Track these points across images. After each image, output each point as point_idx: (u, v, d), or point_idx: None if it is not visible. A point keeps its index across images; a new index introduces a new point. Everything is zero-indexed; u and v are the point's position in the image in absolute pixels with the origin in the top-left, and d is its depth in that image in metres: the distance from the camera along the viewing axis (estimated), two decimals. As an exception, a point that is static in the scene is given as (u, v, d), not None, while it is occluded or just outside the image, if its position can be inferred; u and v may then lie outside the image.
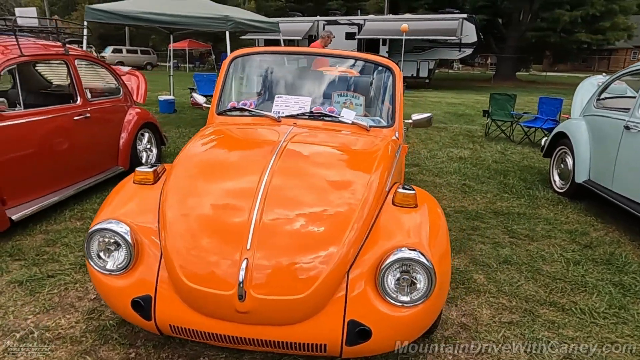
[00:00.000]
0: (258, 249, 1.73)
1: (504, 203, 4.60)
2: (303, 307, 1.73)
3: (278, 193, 1.89)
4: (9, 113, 3.28)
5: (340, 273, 1.77)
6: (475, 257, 3.28)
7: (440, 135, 8.23)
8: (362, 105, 2.84)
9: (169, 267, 1.80)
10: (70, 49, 4.00)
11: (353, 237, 1.82)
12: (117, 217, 1.93)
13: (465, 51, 19.43)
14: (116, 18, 6.97)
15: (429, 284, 1.76)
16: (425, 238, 1.90)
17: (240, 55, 3.07)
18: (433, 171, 5.76)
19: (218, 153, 2.27)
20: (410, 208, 2.01)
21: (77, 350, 2.06)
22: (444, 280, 1.89)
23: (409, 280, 1.79)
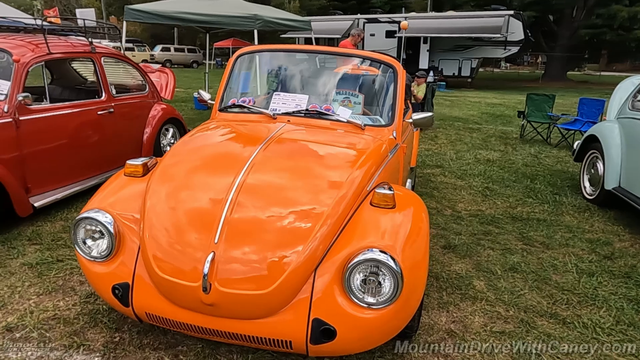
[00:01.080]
0: (225, 242, 1.76)
1: (525, 208, 4.40)
2: (267, 303, 1.74)
3: (252, 188, 1.91)
4: (35, 107, 3.52)
5: (307, 270, 1.77)
6: (480, 263, 3.17)
7: (472, 137, 7.97)
8: (361, 103, 2.81)
9: (144, 256, 1.87)
10: (97, 47, 4.22)
11: (322, 234, 1.81)
12: (104, 207, 2.03)
13: (510, 49, 18.67)
14: (153, 18, 7.26)
15: (396, 287, 1.72)
16: (399, 241, 1.85)
17: (246, 52, 3.12)
18: (456, 173, 5.60)
19: (203, 148, 2.32)
20: (388, 209, 1.97)
21: (67, 331, 2.19)
22: (416, 285, 1.85)
23: (375, 282, 1.76)
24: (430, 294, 2.71)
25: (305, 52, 3.06)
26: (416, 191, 4.75)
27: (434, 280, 2.89)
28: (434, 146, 7.15)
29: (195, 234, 1.81)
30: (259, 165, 2.02)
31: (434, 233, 3.69)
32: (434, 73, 19.22)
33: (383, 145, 2.49)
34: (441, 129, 8.66)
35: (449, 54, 19.61)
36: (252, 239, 1.79)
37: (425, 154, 6.60)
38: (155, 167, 2.19)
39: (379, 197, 1.97)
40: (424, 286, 1.92)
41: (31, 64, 3.50)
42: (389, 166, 2.49)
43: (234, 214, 1.82)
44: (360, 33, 7.82)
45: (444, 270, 3.04)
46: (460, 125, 9.15)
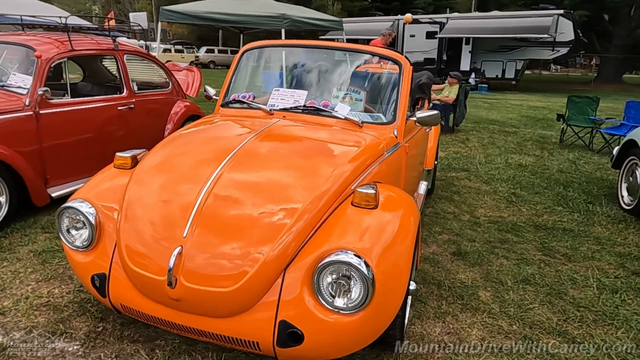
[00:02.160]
0: (194, 237, 1.73)
1: (552, 217, 4.11)
2: (232, 301, 1.69)
3: (228, 184, 1.87)
4: (55, 101, 3.66)
5: (275, 269, 1.70)
6: (489, 272, 2.97)
7: (506, 140, 7.60)
8: (363, 100, 2.71)
9: (118, 248, 1.87)
10: (120, 44, 4.35)
11: (294, 232, 1.73)
12: (88, 198, 2.05)
13: (559, 50, 17.74)
14: (185, 18, 7.45)
15: (365, 294, 1.61)
16: (377, 244, 1.74)
17: (252, 48, 3.10)
18: (482, 177, 5.33)
19: (188, 142, 2.29)
20: (369, 209, 1.86)
21: (54, 318, 2.23)
22: (391, 293, 1.73)
23: (346, 286, 1.66)
24: (428, 302, 2.56)
25: (311, 47, 2.98)
26: (435, 194, 4.56)
27: (435, 287, 2.73)
28: (464, 149, 6.87)
29: (166, 228, 1.79)
30: (238, 160, 1.97)
31: (446, 239, 3.51)
32: (475, 75, 18.60)
33: (379, 143, 2.38)
34: (474, 131, 8.32)
35: (493, 55, 18.89)
36: (221, 234, 1.74)
37: (452, 156, 6.35)
38: (141, 160, 2.20)
39: (360, 196, 1.87)
40: (402, 294, 1.79)
41: (53, 60, 3.64)
42: (385, 165, 2.37)
43: (205, 209, 1.78)
44: (392, 33, 7.67)
45: (448, 277, 2.87)
46: (496, 128, 8.75)
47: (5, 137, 3.30)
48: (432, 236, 3.55)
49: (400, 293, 1.79)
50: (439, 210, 4.14)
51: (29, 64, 3.60)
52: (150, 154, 2.20)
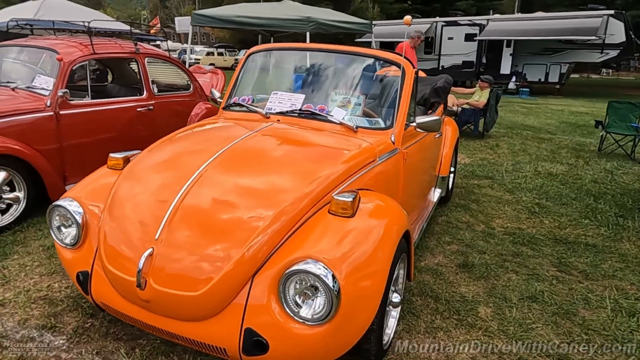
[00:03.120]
0: (165, 240, 1.73)
1: (576, 230, 3.86)
2: (198, 306, 1.68)
3: (203, 188, 1.86)
4: (75, 102, 3.82)
5: (241, 276, 1.67)
6: (494, 287, 2.81)
7: (539, 147, 7.24)
8: (362, 104, 2.64)
9: (98, 246, 1.91)
10: (141, 48, 4.49)
11: (263, 240, 1.70)
12: (78, 197, 2.11)
13: (608, 53, 16.72)
14: (215, 21, 7.61)
15: (330, 306, 1.56)
16: (348, 254, 1.68)
17: (257, 51, 3.10)
18: (507, 186, 5.10)
19: (176, 145, 2.31)
20: (346, 217, 1.80)
21: (48, 312, 2.32)
22: (361, 307, 1.67)
23: (311, 297, 1.61)
24: (422, 316, 2.46)
25: (315, 50, 2.94)
26: (451, 202, 4.40)
27: (431, 300, 2.62)
28: (491, 156, 6.60)
29: (140, 229, 1.81)
30: (218, 164, 1.97)
31: (454, 249, 3.37)
32: (516, 79, 17.90)
33: (371, 149, 2.31)
34: (506, 137, 7.98)
35: (535, 58, 18.09)
36: (192, 237, 1.74)
37: (478, 163, 6.11)
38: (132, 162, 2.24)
39: (336, 204, 1.81)
40: (374, 308, 1.72)
41: (75, 63, 3.81)
42: (377, 172, 2.30)
43: (179, 212, 1.79)
44: (420, 35, 7.52)
45: (448, 290, 2.74)
46: (530, 134, 8.36)
47: (27, 136, 3.47)
48: (440, 246, 3.42)
49: (373, 306, 1.72)
50: (453, 219, 3.99)
51: (52, 66, 3.78)
52: (139, 155, 2.23)
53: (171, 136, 2.44)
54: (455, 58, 19.52)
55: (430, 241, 3.50)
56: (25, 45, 4.09)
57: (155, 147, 2.31)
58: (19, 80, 3.90)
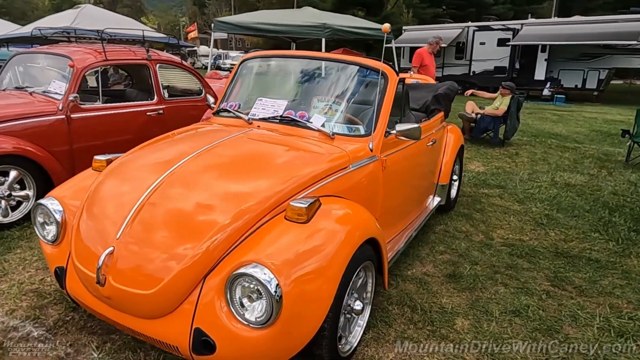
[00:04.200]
0: (125, 239, 1.81)
1: (582, 244, 3.70)
2: (151, 304, 1.74)
3: (167, 190, 1.93)
4: (86, 106, 4.03)
5: (192, 276, 1.72)
6: (478, 300, 2.75)
7: (561, 156, 6.96)
8: (343, 111, 2.65)
9: (70, 243, 2.02)
10: (154, 54, 4.67)
11: (216, 242, 1.75)
12: (59, 197, 2.23)
13: (651, 58, 15.90)
14: (235, 28, 7.80)
15: (270, 310, 1.59)
16: (296, 260, 1.70)
17: (250, 57, 3.18)
18: (517, 196, 4.94)
19: (154, 148, 2.40)
20: (300, 223, 1.83)
21: (35, 304, 2.46)
22: (306, 314, 1.68)
23: (254, 300, 1.65)
24: (394, 325, 2.43)
25: (308, 58, 2.98)
26: (454, 211, 4.31)
27: (408, 310, 2.59)
28: (508, 164, 6.41)
29: (105, 228, 1.90)
30: (185, 168, 2.04)
31: (446, 259, 3.30)
32: (550, 85, 17.29)
33: (344, 156, 2.32)
34: (528, 145, 7.73)
35: (572, 64, 17.42)
36: (150, 238, 1.81)
37: (492, 172, 5.96)
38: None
39: (292, 209, 1.84)
40: (322, 315, 1.73)
41: (87, 69, 4.02)
42: (348, 179, 2.30)
43: (141, 212, 1.86)
44: (439, 41, 7.44)
45: (428, 300, 2.70)
46: (554, 142, 8.06)
47: (39, 137, 3.69)
48: (432, 255, 3.36)
49: (320, 313, 1.73)
50: (451, 228, 3.91)
51: (67, 72, 4.00)
52: (119, 157, 2.34)
53: (154, 139, 2.54)
54: (487, 63, 19.08)
55: (422, 250, 3.45)
56: (44, 52, 4.35)
57: (136, 149, 2.41)
58: (37, 84, 4.16)
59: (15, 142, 3.56)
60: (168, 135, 2.63)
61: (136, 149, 2.43)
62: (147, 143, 2.51)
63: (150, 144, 2.47)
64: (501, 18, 22.61)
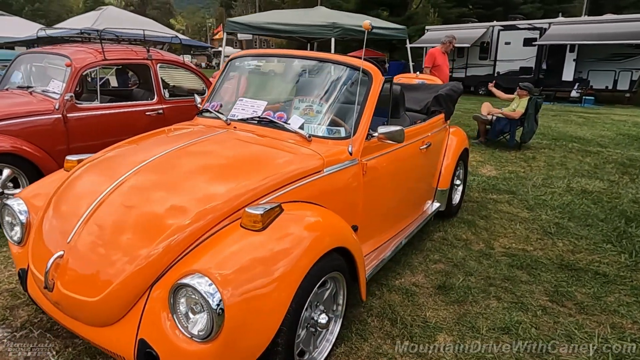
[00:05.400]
0: (75, 244, 1.75)
1: (591, 256, 3.46)
2: (97, 312, 1.68)
3: (122, 194, 1.86)
4: (83, 105, 4.04)
5: (137, 285, 1.65)
6: (466, 314, 2.58)
7: (581, 161, 6.62)
8: (324, 112, 2.53)
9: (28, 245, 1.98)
10: (155, 53, 4.67)
11: (164, 248, 1.67)
12: (26, 198, 2.20)
13: (688, 59, 15.07)
14: (247, 29, 7.78)
15: (211, 325, 1.49)
16: (243, 270, 1.59)
17: (238, 57, 3.10)
18: (528, 202, 4.70)
19: (125, 149, 2.33)
20: (255, 231, 1.72)
21: (7, 304, 2.44)
22: (255, 327, 1.57)
23: (197, 312, 1.55)
24: (369, 339, 2.29)
25: (292, 57, 2.88)
26: (457, 217, 4.12)
27: (388, 323, 2.45)
28: (523, 169, 6.13)
29: (58, 232, 1.84)
30: (145, 171, 1.97)
31: (439, 269, 3.14)
32: (579, 86, 16.62)
33: (317, 159, 2.21)
34: (547, 149, 7.39)
35: (602, 64, 16.70)
36: (98, 243, 1.74)
37: (504, 176, 5.70)
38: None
39: (247, 216, 1.74)
40: (272, 330, 1.61)
41: (84, 69, 4.03)
42: (323, 184, 2.19)
43: (93, 217, 1.80)
44: (452, 40, 7.20)
45: (412, 313, 2.55)
46: (576, 146, 7.68)
47: (35, 136, 3.72)
48: (425, 264, 3.20)
49: (271, 327, 1.62)
50: (450, 235, 3.73)
51: (65, 72, 4.02)
52: (87, 158, 2.29)
53: (125, 141, 2.49)
54: (512, 64, 18.52)
55: (415, 258, 3.29)
56: (47, 52, 4.41)
57: (106, 150, 2.36)
58: (38, 84, 4.21)
59: (11, 141, 3.60)
60: (140, 137, 2.57)
61: (107, 149, 2.38)
62: (120, 143, 2.46)
63: (120, 145, 2.42)
64: (530, 17, 21.90)
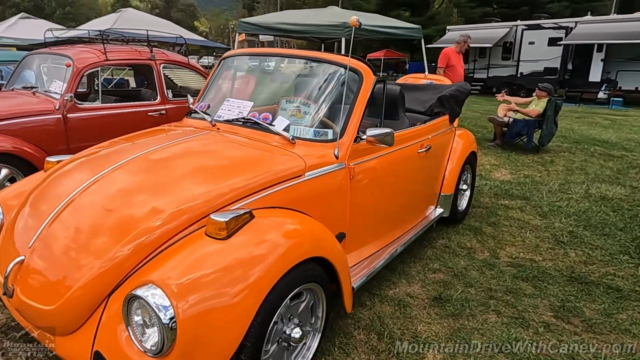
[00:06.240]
0: (36, 250, 1.69)
1: (605, 268, 3.23)
2: (54, 321, 1.61)
3: (86, 198, 1.79)
4: (84, 106, 4.04)
5: (94, 294, 1.57)
6: (461, 329, 2.41)
7: (603, 166, 6.29)
8: (311, 114, 2.42)
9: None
10: (159, 54, 4.64)
11: (124, 255, 1.59)
12: (3, 199, 2.17)
13: None
14: (259, 29, 7.74)
15: (162, 340, 1.39)
16: (203, 281, 1.49)
17: (230, 56, 3.02)
18: (541, 209, 4.46)
19: (99, 151, 2.27)
20: (219, 240, 1.62)
21: (-12, 307, 2.41)
22: (211, 343, 1.46)
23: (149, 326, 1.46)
24: (352, 354, 2.16)
25: (284, 56, 2.78)
26: (463, 224, 3.94)
27: (375, 337, 2.31)
28: (539, 173, 5.86)
29: (21, 236, 1.79)
30: (116, 173, 1.90)
31: (438, 279, 2.97)
32: (607, 87, 15.98)
33: (298, 163, 2.09)
34: (567, 152, 7.07)
35: (632, 64, 16.01)
36: (59, 249, 1.67)
37: (518, 181, 5.46)
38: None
39: (212, 224, 1.64)
40: (234, 345, 1.51)
41: (87, 69, 4.03)
42: (304, 189, 2.08)
43: (57, 220, 1.74)
44: (467, 40, 6.97)
45: (402, 327, 2.40)
46: (598, 150, 7.32)
47: (35, 136, 3.73)
48: (423, 273, 3.04)
49: (232, 341, 1.51)
50: (454, 243, 3.55)
51: (67, 72, 4.03)
52: (65, 160, 2.24)
53: (108, 142, 2.44)
54: (536, 64, 17.98)
55: (414, 267, 3.13)
56: (52, 53, 4.43)
57: (84, 152, 2.31)
58: (42, 84, 4.24)
59: (12, 141, 3.61)
60: (121, 138, 2.51)
61: (83, 152, 2.32)
62: (96, 146, 2.40)
63: (98, 148, 2.36)
64: (557, 16, 21.20)
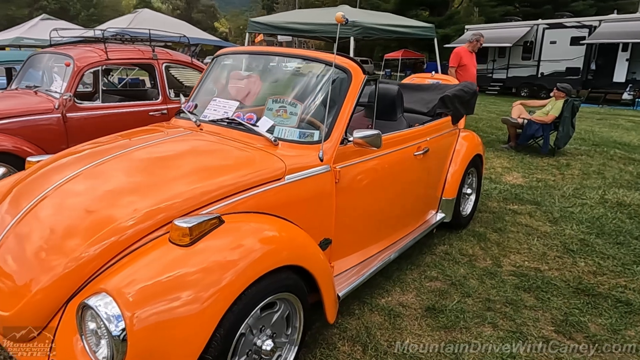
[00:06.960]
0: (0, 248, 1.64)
1: (615, 279, 3.04)
2: (11, 327, 1.55)
3: (54, 200, 1.74)
4: (84, 105, 4.04)
5: (51, 300, 1.51)
6: (452, 342, 2.28)
7: (621, 169, 6.01)
8: (298, 114, 2.32)
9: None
10: (161, 53, 4.62)
11: (83, 261, 1.52)
12: (-18, 199, 2.14)
13: None
14: (268, 28, 7.70)
15: (111, 352, 1.32)
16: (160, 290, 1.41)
17: (222, 54, 2.95)
18: (552, 215, 4.26)
19: (80, 151, 2.21)
20: (182, 246, 1.54)
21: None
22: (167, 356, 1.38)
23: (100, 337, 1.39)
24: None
25: (273, 54, 2.70)
26: (467, 230, 3.79)
27: (360, 349, 2.19)
28: (554, 177, 5.63)
29: (-13, 237, 1.74)
30: (86, 174, 1.84)
31: (434, 287, 2.84)
32: (632, 87, 15.43)
33: (277, 166, 2.00)
34: (584, 155, 6.79)
35: (658, 64, 15.44)
36: (20, 253, 1.62)
37: (530, 185, 5.25)
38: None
39: (174, 230, 1.55)
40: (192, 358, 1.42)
41: (87, 68, 4.03)
42: (283, 192, 1.98)
43: (22, 223, 1.69)
44: (480, 38, 6.78)
45: (390, 338, 2.28)
46: (618, 153, 7.01)
47: (34, 135, 3.74)
48: (419, 281, 2.91)
49: (190, 354, 1.42)
50: (455, 250, 3.40)
51: (67, 71, 4.04)
52: (43, 161, 2.20)
53: (89, 142, 2.39)
54: (558, 64, 17.49)
55: (410, 274, 3.00)
56: (55, 53, 4.45)
57: (62, 153, 2.26)
58: (45, 84, 4.26)
59: (12, 141, 3.63)
60: (102, 139, 2.46)
61: (62, 152, 2.28)
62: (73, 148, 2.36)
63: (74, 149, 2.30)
64: (581, 15, 20.58)
